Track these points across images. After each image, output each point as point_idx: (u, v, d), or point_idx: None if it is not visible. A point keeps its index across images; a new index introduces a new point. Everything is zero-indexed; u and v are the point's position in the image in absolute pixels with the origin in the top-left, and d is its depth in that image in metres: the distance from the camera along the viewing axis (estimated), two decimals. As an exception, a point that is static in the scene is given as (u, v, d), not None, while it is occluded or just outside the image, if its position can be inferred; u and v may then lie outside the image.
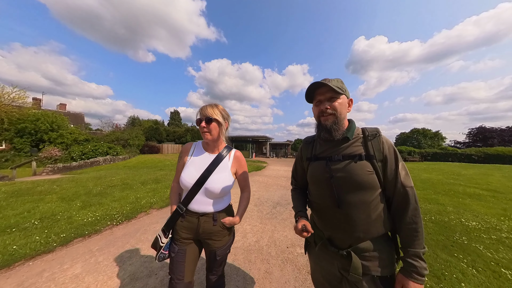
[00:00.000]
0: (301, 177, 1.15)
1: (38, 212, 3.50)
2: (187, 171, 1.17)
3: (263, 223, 3.30)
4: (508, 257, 2.34)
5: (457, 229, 3.12)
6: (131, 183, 5.99)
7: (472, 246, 2.58)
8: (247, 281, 1.90)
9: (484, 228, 3.16)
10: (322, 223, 0.98)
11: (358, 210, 0.86)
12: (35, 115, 15.43)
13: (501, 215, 3.82)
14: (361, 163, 0.87)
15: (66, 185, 5.59)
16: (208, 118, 1.14)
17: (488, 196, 5.24)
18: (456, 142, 31.50)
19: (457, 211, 4.01)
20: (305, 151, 1.08)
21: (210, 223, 1.16)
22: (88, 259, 2.18)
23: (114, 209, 3.67)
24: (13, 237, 2.57)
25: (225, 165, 1.22)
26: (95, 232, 2.84)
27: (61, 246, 2.45)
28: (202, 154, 1.24)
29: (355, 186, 0.86)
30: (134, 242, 2.58)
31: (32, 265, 2.09)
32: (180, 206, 1.16)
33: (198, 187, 1.14)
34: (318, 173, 0.96)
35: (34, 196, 4.44)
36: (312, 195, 1.05)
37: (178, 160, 1.30)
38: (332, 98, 0.90)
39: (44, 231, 2.76)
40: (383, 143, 0.89)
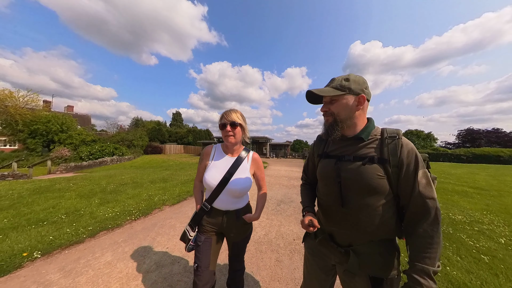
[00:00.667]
0: (311, 173, 1.13)
1: (62, 207, 3.69)
2: (210, 173, 1.22)
3: (270, 218, 3.43)
4: (487, 245, 2.57)
5: (444, 222, 3.32)
6: (141, 182, 6.11)
7: (456, 236, 2.79)
8: (260, 268, 2.04)
9: (468, 221, 3.39)
10: (325, 219, 0.97)
11: (362, 212, 0.82)
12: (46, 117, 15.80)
13: (484, 210, 4.06)
14: (371, 166, 0.80)
15: (81, 183, 5.74)
16: (233, 123, 1.18)
17: (474, 193, 5.49)
18: (447, 143, 32.00)
19: (445, 206, 4.21)
20: (318, 147, 1.05)
21: (233, 219, 1.24)
22: (116, 249, 2.35)
23: (131, 206, 3.82)
24: (47, 229, 2.77)
25: (244, 167, 1.26)
26: (117, 226, 3.00)
27: (89, 238, 2.63)
28: (223, 157, 1.28)
29: (362, 188, 0.81)
30: (154, 235, 2.73)
31: (68, 253, 2.28)
32: (206, 204, 1.24)
33: (221, 187, 1.19)
34: (326, 171, 0.93)
35: (54, 193, 4.62)
36: (319, 192, 1.03)
37: (200, 161, 1.34)
38: (333, 99, 0.87)
39: (72, 225, 2.95)
40: (401, 147, 0.79)
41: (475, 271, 2.01)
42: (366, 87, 0.85)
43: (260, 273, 1.96)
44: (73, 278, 1.83)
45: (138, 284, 1.75)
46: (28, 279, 1.84)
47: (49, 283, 1.77)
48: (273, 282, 1.83)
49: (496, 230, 3.06)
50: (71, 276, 1.86)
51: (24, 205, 3.84)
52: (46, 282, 1.79)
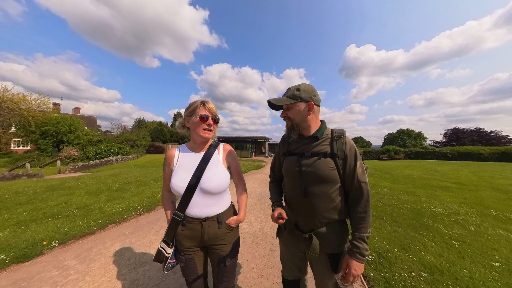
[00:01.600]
0: (278, 170, 1.17)
1: (73, 203, 3.83)
2: (176, 176, 1.01)
3: (266, 213, 3.45)
4: (459, 232, 2.76)
5: (425, 214, 3.50)
6: (144, 180, 6.19)
7: (434, 226, 2.96)
8: (255, 256, 2.12)
9: (446, 213, 3.57)
10: (290, 211, 1.05)
11: (319, 200, 0.92)
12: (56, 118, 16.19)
13: (462, 203, 4.26)
14: (325, 160, 0.91)
15: (88, 181, 5.84)
16: (216, 118, 1.05)
17: (455, 188, 5.70)
18: (435, 141, 32.49)
19: (428, 200, 4.38)
20: (282, 147, 1.12)
21: (215, 227, 1.02)
22: (124, 240, 2.48)
23: (135, 202, 3.93)
24: (62, 222, 2.93)
25: (216, 159, 1.07)
26: (123, 220, 3.12)
27: (99, 230, 2.76)
28: (189, 155, 1.07)
29: (319, 179, 0.91)
30: (158, 228, 2.84)
31: (81, 243, 2.42)
32: (177, 213, 1.00)
33: (192, 189, 0.98)
34: (291, 167, 1.00)
35: (65, 191, 4.75)
36: (285, 186, 1.09)
37: (164, 168, 1.12)
38: (289, 107, 0.97)
39: (83, 218, 3.08)
40: (345, 143, 0.92)
41: (446, 255, 2.18)
42: (315, 94, 0.95)
43: (255, 261, 2.05)
44: (87, 264, 1.97)
45: (144, 270, 1.88)
46: (48, 264, 1.99)
47: (67, 268, 1.92)
48: (266, 269, 1.92)
49: (469, 220, 3.26)
50: (86, 262, 2.00)
51: (39, 201, 3.99)
52: (64, 267, 1.94)
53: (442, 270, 1.89)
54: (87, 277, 1.78)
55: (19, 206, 3.68)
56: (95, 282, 1.72)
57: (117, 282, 1.71)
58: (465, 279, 1.79)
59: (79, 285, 1.68)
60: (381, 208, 3.67)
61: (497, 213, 3.66)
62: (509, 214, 3.60)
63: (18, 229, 2.72)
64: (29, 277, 1.79)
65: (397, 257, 2.10)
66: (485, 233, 2.80)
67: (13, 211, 3.42)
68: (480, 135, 26.99)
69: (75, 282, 1.72)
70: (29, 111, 15.05)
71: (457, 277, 1.81)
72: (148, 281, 1.72)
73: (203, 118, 0.99)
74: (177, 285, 1.68)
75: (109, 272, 1.85)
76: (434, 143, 32.03)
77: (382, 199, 4.34)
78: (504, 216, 3.53)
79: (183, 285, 1.66)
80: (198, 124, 1.00)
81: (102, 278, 1.77)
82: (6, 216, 3.17)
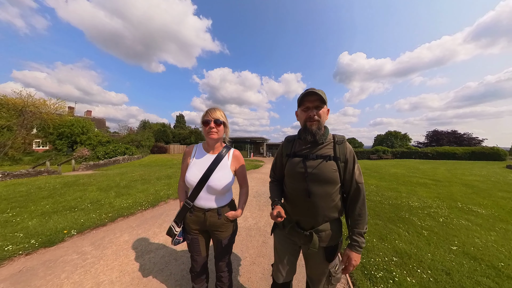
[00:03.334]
0: (279, 171, 1.14)
1: (87, 198, 3.93)
2: (191, 171, 1.14)
3: (261, 210, 3.51)
4: (429, 223, 2.95)
5: (404, 208, 3.67)
6: (149, 179, 6.20)
7: (410, 219, 3.13)
8: (248, 247, 2.20)
9: (421, 207, 3.75)
10: (292, 210, 1.02)
11: (321, 199, 0.92)
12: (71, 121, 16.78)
13: (435, 197, 4.48)
14: (329, 163, 0.92)
15: (99, 179, 5.91)
16: (217, 120, 1.11)
17: (431, 185, 5.93)
18: (418, 142, 33.14)
19: (408, 196, 4.57)
20: (286, 148, 1.08)
21: (215, 217, 1.14)
22: (131, 231, 2.58)
23: (141, 198, 4.00)
24: (78, 214, 3.06)
25: (225, 163, 1.17)
26: (130, 214, 3.21)
27: (110, 222, 2.87)
28: (203, 155, 1.18)
29: (323, 180, 0.91)
30: (161, 221, 2.89)
31: (95, 233, 2.55)
32: (187, 201, 1.14)
33: (202, 184, 1.10)
34: (296, 168, 0.97)
35: (80, 187, 4.85)
36: (287, 187, 1.06)
37: (182, 161, 1.25)
38: (318, 106, 0.92)
39: (96, 211, 3.19)
40: (346, 148, 0.95)
41: (415, 242, 2.36)
42: None
43: (248, 251, 2.12)
44: (101, 250, 2.10)
45: (150, 257, 1.99)
46: (70, 249, 2.13)
47: (85, 253, 2.04)
48: (258, 258, 2.00)
49: (439, 212, 3.46)
50: (100, 249, 2.13)
51: (58, 195, 4.12)
52: (82, 252, 2.07)
53: (410, 254, 2.06)
54: (102, 261, 1.90)
55: (42, 199, 3.85)
56: (108, 265, 1.85)
57: (127, 266, 1.84)
58: (427, 261, 1.97)
59: (96, 267, 1.81)
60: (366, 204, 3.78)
61: (462, 206, 3.91)
62: (471, 206, 3.87)
63: (43, 219, 2.90)
64: (55, 259, 1.95)
65: (374, 245, 2.24)
66: (451, 223, 3.01)
67: (37, 203, 3.60)
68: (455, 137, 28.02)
69: (92, 265, 1.85)
70: (48, 115, 15.90)
71: (422, 259, 1.98)
72: (153, 266, 1.84)
73: (206, 123, 1.11)
74: (178, 270, 1.79)
75: (120, 257, 1.97)
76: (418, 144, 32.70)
77: (368, 196, 4.44)
78: (467, 207, 3.79)
79: (184, 270, 1.79)
80: (204, 129, 1.13)
81: (114, 262, 1.90)
82: (32, 208, 3.38)
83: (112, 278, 1.66)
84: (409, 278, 1.69)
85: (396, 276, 1.70)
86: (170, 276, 1.70)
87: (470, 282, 1.68)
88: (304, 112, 0.95)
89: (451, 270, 1.82)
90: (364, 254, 2.08)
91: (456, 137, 27.92)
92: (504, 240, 2.49)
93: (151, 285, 1.59)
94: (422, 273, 1.77)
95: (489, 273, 1.81)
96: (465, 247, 2.26)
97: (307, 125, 0.95)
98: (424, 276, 1.73)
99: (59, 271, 1.77)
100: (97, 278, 1.67)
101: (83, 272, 1.75)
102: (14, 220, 2.82)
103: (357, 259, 0.91)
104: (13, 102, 14.27)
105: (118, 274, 1.72)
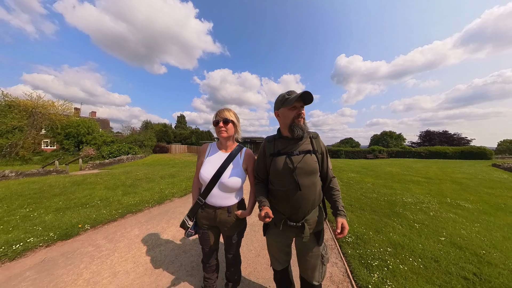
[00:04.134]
0: (263, 172, 1.14)
1: (96, 196, 3.99)
2: (205, 168, 1.16)
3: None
4: (421, 217, 3.05)
5: (398, 204, 3.77)
6: (153, 177, 6.21)
7: (403, 213, 3.23)
8: (253, 241, 2.28)
9: (414, 202, 3.86)
10: (283, 206, 1.04)
11: (309, 190, 0.99)
12: (77, 121, 17.05)
13: (427, 194, 4.60)
14: (311, 156, 1.01)
15: (106, 178, 5.93)
16: (225, 120, 1.14)
17: (424, 182, 6.05)
18: (412, 142, 33.51)
19: (402, 193, 4.66)
20: (268, 148, 1.09)
21: (225, 215, 1.16)
22: (141, 226, 2.65)
23: (147, 196, 4.05)
24: (90, 210, 3.12)
25: (237, 161, 1.19)
26: (138, 211, 3.27)
27: (120, 218, 2.94)
28: (217, 152, 1.21)
29: (309, 172, 0.99)
30: (168, 218, 2.95)
31: (107, 227, 2.62)
32: (200, 199, 1.17)
33: (215, 181, 1.12)
34: (283, 165, 1.01)
35: (88, 185, 4.89)
36: (275, 185, 1.06)
37: (198, 159, 1.27)
38: (302, 106, 1.00)
39: (106, 208, 3.25)
40: (320, 142, 1.07)
41: (408, 234, 2.46)
42: None
43: (253, 244, 2.21)
44: (114, 244, 2.17)
45: (161, 250, 2.07)
46: (85, 242, 2.20)
47: (99, 246, 2.12)
48: (262, 250, 2.07)
49: (430, 207, 3.58)
50: (113, 242, 2.20)
51: (69, 193, 4.19)
52: (97, 245, 2.14)
53: (403, 245, 2.16)
54: (116, 253, 1.98)
55: (54, 196, 3.94)
56: (122, 257, 1.92)
57: (140, 257, 1.92)
58: (418, 250, 2.07)
59: (111, 259, 1.89)
60: (363, 201, 3.84)
61: (451, 201, 4.05)
62: (459, 201, 4.02)
63: (58, 214, 2.99)
64: (72, 251, 2.03)
65: (371, 238, 2.33)
66: (440, 216, 3.13)
67: (51, 200, 3.69)
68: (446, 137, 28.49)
69: (107, 256, 1.93)
70: (56, 116, 16.30)
71: (413, 249, 2.09)
72: (164, 258, 1.91)
73: (215, 123, 1.17)
74: (188, 261, 1.86)
75: (132, 250, 2.04)
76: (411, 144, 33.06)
77: (365, 193, 4.49)
78: (455, 202, 3.93)
79: (194, 261, 1.86)
80: (216, 129, 1.18)
81: (127, 254, 1.97)
82: (47, 204, 3.48)
83: (127, 269, 1.74)
84: (402, 266, 1.79)
85: (390, 264, 1.80)
86: (181, 267, 1.78)
87: (455, 268, 1.80)
88: (292, 111, 0.98)
89: (439, 258, 1.93)
90: (360, 245, 2.17)
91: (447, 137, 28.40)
92: (486, 231, 2.65)
93: (164, 275, 1.67)
94: (413, 261, 1.87)
95: (472, 259, 1.94)
96: (452, 238, 2.38)
97: (296, 121, 0.99)
98: (415, 264, 1.83)
99: (78, 261, 1.85)
100: (113, 268, 1.74)
101: (99, 262, 1.83)
102: (32, 215, 2.92)
103: (346, 223, 1.00)
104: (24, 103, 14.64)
105: (132, 265, 1.79)
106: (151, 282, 1.57)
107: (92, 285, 1.54)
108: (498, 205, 3.86)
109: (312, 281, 1.08)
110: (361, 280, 1.62)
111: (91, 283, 1.56)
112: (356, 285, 1.59)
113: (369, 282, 1.58)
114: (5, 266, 1.76)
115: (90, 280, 1.60)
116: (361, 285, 1.58)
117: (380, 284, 1.55)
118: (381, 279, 1.62)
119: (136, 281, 1.59)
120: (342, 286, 1.58)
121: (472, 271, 1.76)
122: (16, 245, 2.02)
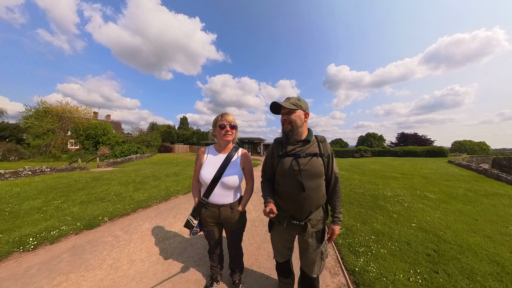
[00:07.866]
0: (270, 171, 1.11)
1: (111, 191, 4.00)
2: (205, 169, 1.12)
3: (262, 204, 3.35)
4: (398, 208, 3.20)
5: (380, 197, 3.88)
6: (159, 175, 6.10)
7: (384, 206, 3.35)
8: (254, 235, 2.23)
9: (393, 196, 4.00)
10: (287, 205, 1.01)
11: (313, 192, 0.95)
12: (95, 124, 17.81)
13: (403, 187, 4.79)
14: (317, 159, 0.96)
15: (119, 175, 5.89)
16: (232, 124, 1.12)
17: (400, 177, 6.28)
18: (391, 143, 34.65)
19: (383, 188, 4.78)
20: (276, 149, 1.06)
21: (229, 211, 1.15)
22: (151, 220, 2.63)
23: (155, 193, 3.99)
24: (107, 205, 3.16)
25: (235, 162, 1.16)
26: (148, 206, 3.23)
27: (133, 212, 2.93)
28: (215, 155, 1.18)
29: (314, 175, 0.94)
30: (175, 213, 2.91)
31: (122, 220, 2.64)
32: (203, 198, 1.14)
33: (216, 181, 1.09)
34: (289, 166, 0.97)
35: (104, 181, 4.90)
36: (281, 184, 1.02)
37: (196, 161, 1.21)
38: (290, 112, 0.94)
39: (120, 203, 3.26)
40: (327, 146, 1.01)
41: (388, 223, 2.58)
42: (308, 108, 1.01)
43: (254, 238, 2.18)
44: (129, 235, 2.19)
45: (170, 242, 2.06)
46: (105, 233, 2.24)
47: (117, 236, 2.15)
48: (263, 243, 2.07)
49: (405, 199, 3.75)
50: (128, 234, 2.22)
51: (90, 188, 4.23)
52: (115, 235, 2.18)
53: (384, 233, 2.28)
54: (131, 243, 2.00)
55: (78, 191, 4.05)
56: (137, 247, 1.95)
57: (152, 248, 1.93)
58: (395, 236, 2.20)
59: (128, 248, 1.91)
60: (352, 196, 3.91)
61: (420, 193, 4.29)
62: (426, 193, 4.28)
63: (82, 207, 3.10)
64: (95, 239, 2.11)
65: (358, 228, 2.41)
66: (412, 207, 3.31)
67: (76, 194, 3.83)
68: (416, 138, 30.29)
69: (125, 245, 1.96)
70: (79, 119, 17.49)
71: (391, 236, 2.21)
72: (173, 250, 1.91)
73: (222, 127, 1.11)
74: (195, 253, 1.85)
75: (145, 241, 2.06)
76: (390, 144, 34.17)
77: (354, 189, 4.58)
78: (423, 194, 4.19)
79: (200, 254, 1.85)
80: (220, 132, 1.12)
81: (142, 245, 1.99)
82: (73, 197, 3.63)
83: (142, 258, 1.76)
84: (382, 250, 1.90)
85: (373, 250, 1.90)
86: (189, 258, 1.78)
87: (421, 247, 2.00)
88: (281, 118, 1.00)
89: (410, 241, 2.10)
90: (350, 235, 2.24)
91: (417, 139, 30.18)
92: (445, 216, 2.95)
93: (174, 264, 1.69)
94: (391, 245, 1.99)
95: (433, 239, 2.17)
96: (421, 224, 2.59)
97: (283, 127, 1.00)
98: (393, 247, 1.96)
99: (101, 248, 1.91)
100: (130, 257, 1.77)
101: (118, 251, 1.86)
102: (63, 207, 3.08)
103: (338, 230, 1.04)
104: (55, 109, 16.17)
105: (146, 254, 1.81)
106: (164, 270, 1.60)
107: (115, 270, 1.61)
108: (451, 194, 4.25)
109: (311, 274, 1.08)
110: (349, 264, 1.70)
111: (113, 268, 1.63)
112: (345, 269, 1.67)
113: (355, 265, 1.67)
114: (47, 247, 1.95)
115: (113, 265, 1.67)
116: (349, 268, 1.66)
117: (365, 266, 1.64)
118: (366, 262, 1.71)
119: (151, 268, 1.62)
120: (334, 271, 1.66)
121: (433, 248, 1.97)
122: (53, 232, 2.19)
